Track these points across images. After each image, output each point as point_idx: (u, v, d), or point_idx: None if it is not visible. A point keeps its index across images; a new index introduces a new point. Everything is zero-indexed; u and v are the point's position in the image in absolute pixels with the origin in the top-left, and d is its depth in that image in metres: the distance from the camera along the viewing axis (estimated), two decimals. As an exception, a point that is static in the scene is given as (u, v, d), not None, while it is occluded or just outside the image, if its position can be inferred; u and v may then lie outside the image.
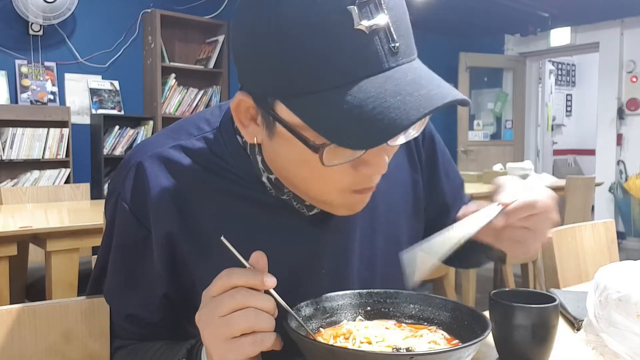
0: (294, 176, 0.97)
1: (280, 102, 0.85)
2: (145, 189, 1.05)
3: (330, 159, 0.85)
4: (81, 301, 1.16)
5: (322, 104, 0.81)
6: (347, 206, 1.00)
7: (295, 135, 0.86)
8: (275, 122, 0.88)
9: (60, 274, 2.81)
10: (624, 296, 1.02)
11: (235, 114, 0.95)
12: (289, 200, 1.06)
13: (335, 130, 0.80)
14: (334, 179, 0.92)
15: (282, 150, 0.92)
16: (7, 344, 1.08)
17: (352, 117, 0.79)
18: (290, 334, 0.91)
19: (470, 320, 1.01)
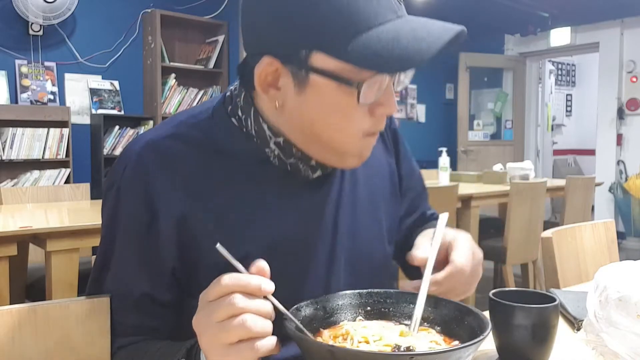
0: (321, 126, 1.05)
1: (319, 51, 0.98)
2: (147, 176, 1.08)
3: (365, 97, 0.99)
4: (82, 301, 1.16)
5: (361, 44, 0.95)
6: (359, 153, 1.11)
7: (334, 78, 0.98)
8: (308, 74, 1.00)
9: (60, 274, 2.81)
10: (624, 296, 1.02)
11: (258, 79, 1.04)
12: (294, 164, 1.13)
13: (377, 61, 0.94)
14: (357, 122, 1.04)
15: (313, 102, 1.02)
16: (7, 344, 1.08)
17: (389, 49, 0.94)
18: (290, 334, 0.91)
19: (470, 320, 1.01)
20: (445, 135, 9.85)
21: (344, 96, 1.00)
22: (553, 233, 2.00)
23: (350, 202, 1.26)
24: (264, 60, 1.02)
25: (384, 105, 1.05)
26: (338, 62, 0.97)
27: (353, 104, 1.00)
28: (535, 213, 4.70)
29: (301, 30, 0.98)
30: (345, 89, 0.99)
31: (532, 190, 4.64)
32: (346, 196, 1.25)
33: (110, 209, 1.13)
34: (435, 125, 9.99)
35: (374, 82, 0.99)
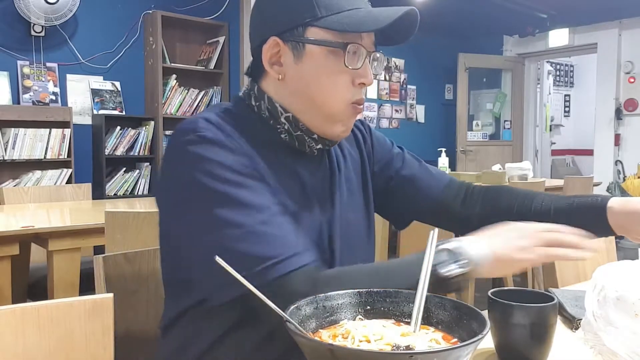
0: (314, 89, 1.31)
1: (313, 26, 1.27)
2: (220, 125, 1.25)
3: (349, 61, 1.27)
4: (85, 300, 1.17)
5: (343, 17, 1.26)
6: (345, 122, 1.35)
7: (325, 44, 1.27)
8: (304, 45, 1.29)
9: (62, 273, 2.82)
10: (622, 295, 1.03)
11: (265, 56, 1.32)
12: (300, 137, 1.35)
13: (355, 25, 1.25)
14: (342, 86, 1.30)
15: (309, 68, 1.30)
16: (11, 344, 1.09)
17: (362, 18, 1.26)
18: (290, 333, 0.92)
19: (469, 319, 1.02)
20: (445, 136, 9.85)
21: (333, 59, 1.28)
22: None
23: (342, 180, 1.47)
24: (269, 41, 1.30)
25: (362, 75, 1.31)
26: (327, 33, 1.27)
27: (340, 67, 1.28)
28: (534, 213, 4.69)
29: (298, 11, 1.28)
30: (334, 52, 1.27)
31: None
32: (339, 175, 1.46)
33: (203, 157, 1.19)
34: (434, 126, 9.98)
35: (355, 48, 1.28)
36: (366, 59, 1.30)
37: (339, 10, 1.27)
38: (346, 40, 1.27)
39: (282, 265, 1.13)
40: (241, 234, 1.14)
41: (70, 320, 1.15)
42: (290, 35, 1.29)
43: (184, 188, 1.19)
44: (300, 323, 0.99)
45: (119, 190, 6.30)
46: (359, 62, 1.29)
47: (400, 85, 9.49)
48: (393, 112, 9.39)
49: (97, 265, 1.51)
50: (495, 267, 1.13)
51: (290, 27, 1.29)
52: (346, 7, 1.28)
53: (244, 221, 1.14)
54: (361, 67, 1.30)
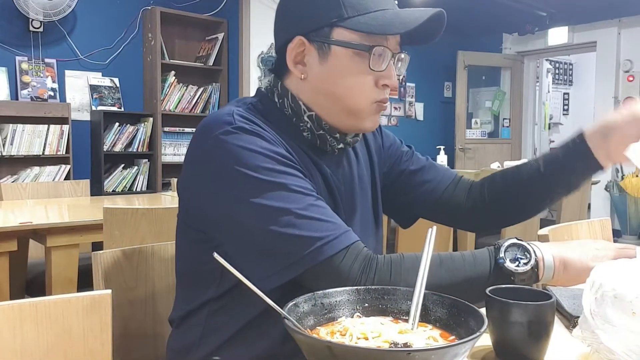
0: (340, 88, 1.32)
1: (339, 27, 1.29)
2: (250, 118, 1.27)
3: (374, 64, 1.29)
4: (83, 297, 1.17)
5: (370, 18, 1.27)
6: (371, 118, 1.38)
7: (351, 46, 1.29)
8: (330, 46, 1.30)
9: (60, 269, 2.82)
10: (620, 294, 1.03)
11: (289, 56, 1.34)
12: (322, 135, 1.37)
13: (381, 28, 1.26)
14: (367, 87, 1.32)
15: (334, 68, 1.31)
16: (9, 340, 1.09)
17: (390, 20, 1.27)
18: (289, 330, 0.93)
19: (467, 317, 1.02)
20: (444, 134, 9.85)
21: (358, 61, 1.29)
22: (549, 231, 2.01)
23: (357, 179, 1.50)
24: (295, 40, 1.32)
25: (385, 77, 1.32)
26: (354, 34, 1.28)
27: (365, 68, 1.29)
28: (533, 211, 4.70)
29: (326, 12, 1.29)
30: (359, 54, 1.29)
31: (529, 188, 4.64)
32: (356, 175, 1.50)
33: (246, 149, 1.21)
34: (433, 124, 9.98)
35: (381, 51, 1.29)
36: (391, 61, 1.32)
37: (365, 11, 1.28)
38: (371, 43, 1.28)
39: (331, 245, 1.17)
40: (289, 219, 1.16)
41: (68, 317, 1.15)
42: (315, 35, 1.31)
43: (228, 179, 1.20)
44: (298, 320, 0.99)
45: (118, 187, 6.30)
46: (384, 64, 1.31)
47: (400, 82, 9.47)
48: (392, 109, 9.39)
49: (95, 261, 1.51)
50: (571, 275, 1.24)
51: (316, 27, 1.31)
52: (373, 8, 1.28)
53: (289, 207, 1.17)
54: (385, 68, 1.31)
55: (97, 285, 1.50)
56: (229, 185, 1.20)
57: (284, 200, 1.18)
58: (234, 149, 1.20)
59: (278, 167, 1.21)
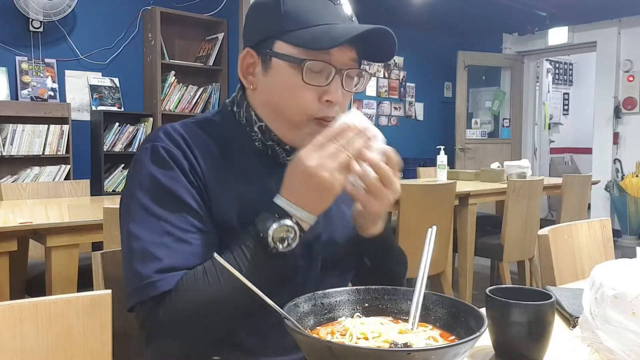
0: (279, 101, 1.32)
1: (279, 40, 1.28)
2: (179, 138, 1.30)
3: (308, 77, 1.27)
4: (83, 297, 1.17)
5: (306, 33, 1.26)
6: (312, 136, 1.24)
7: (287, 59, 1.28)
8: (271, 58, 1.30)
9: (60, 269, 2.82)
10: (620, 294, 1.03)
11: (240, 66, 1.37)
12: (272, 147, 1.37)
13: (311, 43, 1.24)
14: (305, 100, 1.29)
15: (274, 80, 1.31)
16: (8, 340, 1.09)
17: (320, 36, 1.24)
18: (289, 330, 0.93)
19: (467, 317, 1.02)
20: (444, 133, 9.85)
21: (294, 74, 1.28)
22: (549, 231, 2.01)
23: None
24: (244, 52, 1.36)
25: (329, 93, 1.29)
26: (291, 47, 1.27)
27: (300, 82, 1.27)
28: (532, 211, 4.71)
29: (270, 24, 1.30)
30: (295, 67, 1.27)
31: (529, 188, 4.65)
32: None
33: (150, 168, 1.28)
34: (433, 124, 9.98)
35: (321, 66, 1.27)
36: (336, 76, 1.29)
37: (305, 26, 1.27)
38: (306, 57, 1.26)
39: (153, 286, 1.18)
40: (139, 249, 1.22)
41: (68, 317, 1.15)
42: (261, 46, 1.32)
43: (126, 192, 1.31)
44: (298, 320, 0.99)
45: (118, 187, 6.30)
46: (326, 79, 1.29)
47: (400, 82, 9.49)
48: (392, 109, 9.40)
49: (95, 261, 1.51)
50: (301, 186, 1.18)
51: (261, 39, 1.32)
52: (314, 22, 1.27)
53: (143, 237, 1.22)
54: (328, 84, 1.29)
55: (97, 285, 1.49)
56: (125, 198, 1.31)
57: (144, 228, 1.23)
58: (140, 167, 1.29)
59: (158, 196, 1.25)
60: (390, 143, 1.22)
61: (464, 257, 4.75)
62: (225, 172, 1.32)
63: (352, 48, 1.30)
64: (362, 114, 1.22)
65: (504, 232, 4.57)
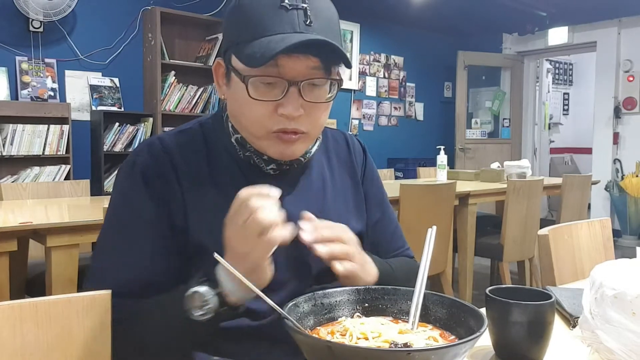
0: (239, 114, 1.29)
1: (233, 53, 1.24)
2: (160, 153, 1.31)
3: (255, 92, 1.21)
4: (83, 297, 1.17)
5: (251, 47, 1.18)
6: (275, 147, 1.28)
7: (236, 74, 1.23)
8: (230, 71, 1.26)
9: (60, 269, 2.81)
10: (620, 294, 1.03)
11: (214, 74, 1.34)
12: (251, 157, 1.33)
13: (248, 58, 1.18)
14: (260, 115, 1.24)
15: (234, 94, 1.28)
16: (9, 340, 1.08)
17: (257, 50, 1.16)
18: (289, 330, 0.93)
19: (467, 317, 1.02)
20: (444, 134, 9.85)
21: (244, 89, 1.22)
22: (549, 231, 2.01)
23: (315, 197, 1.42)
24: (215, 61, 1.34)
25: (284, 106, 1.22)
26: (238, 62, 1.22)
27: (249, 97, 1.22)
28: (532, 211, 4.71)
29: (228, 35, 1.27)
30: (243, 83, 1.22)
31: (529, 188, 4.65)
32: (310, 192, 1.42)
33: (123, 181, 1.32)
34: (433, 124, 9.99)
35: (262, 81, 1.21)
36: (291, 89, 1.21)
37: (251, 39, 1.20)
38: (249, 73, 1.21)
39: None
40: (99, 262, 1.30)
41: (68, 317, 1.15)
42: (225, 58, 1.29)
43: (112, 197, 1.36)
44: (298, 320, 0.99)
45: (118, 187, 6.28)
46: (281, 92, 1.22)
47: (400, 82, 9.49)
48: (392, 109, 9.40)
49: (95, 261, 1.51)
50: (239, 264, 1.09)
51: (224, 50, 1.30)
52: (259, 34, 1.19)
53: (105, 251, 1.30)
54: (282, 97, 1.22)
55: (97, 285, 1.50)
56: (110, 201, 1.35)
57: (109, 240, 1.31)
58: (117, 184, 1.34)
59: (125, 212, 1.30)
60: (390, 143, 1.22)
61: (464, 257, 4.75)
62: (207, 185, 1.31)
63: (310, 56, 1.20)
64: None
65: (504, 232, 4.58)
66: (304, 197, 1.40)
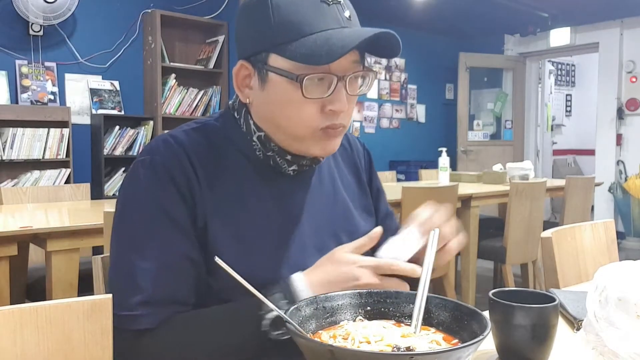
0: (279, 116, 1.26)
1: (273, 53, 1.20)
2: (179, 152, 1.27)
3: (309, 92, 1.19)
4: (83, 301, 1.16)
5: (301, 45, 1.17)
6: (320, 144, 1.28)
7: (283, 74, 1.20)
8: (267, 73, 1.23)
9: (60, 274, 2.81)
10: (624, 296, 1.02)
11: (235, 79, 1.30)
12: (273, 157, 1.32)
13: (308, 57, 1.15)
14: (308, 115, 1.23)
15: (272, 96, 1.24)
16: (9, 345, 1.08)
17: (318, 47, 1.15)
18: (291, 334, 0.92)
19: (470, 320, 1.01)
20: (445, 136, 9.86)
21: (293, 89, 1.20)
22: (553, 233, 2.00)
23: (327, 197, 1.44)
24: (238, 64, 1.28)
25: (333, 102, 1.22)
26: (286, 61, 1.19)
27: (300, 97, 1.20)
28: (535, 213, 4.70)
29: (262, 36, 1.22)
30: (292, 83, 1.20)
31: (531, 190, 4.64)
32: (322, 192, 1.44)
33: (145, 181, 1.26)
34: (435, 126, 9.99)
35: (315, 78, 1.20)
36: (339, 83, 1.22)
37: (297, 37, 1.18)
38: (303, 72, 1.19)
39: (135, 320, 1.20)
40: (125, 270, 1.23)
41: (68, 321, 1.14)
42: (255, 60, 1.25)
43: (121, 201, 1.30)
44: (300, 324, 0.99)
45: (118, 191, 6.28)
46: (328, 89, 1.22)
47: (401, 84, 9.50)
48: (393, 111, 9.40)
49: (95, 265, 1.50)
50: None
51: (255, 52, 1.25)
52: (308, 31, 1.18)
53: (131, 258, 1.22)
54: (331, 93, 1.22)
55: (98, 289, 1.49)
56: (119, 206, 1.29)
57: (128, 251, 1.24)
58: (136, 184, 1.27)
59: (148, 215, 1.24)
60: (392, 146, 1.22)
61: (466, 260, 4.75)
62: (220, 187, 1.29)
63: (354, 51, 1.21)
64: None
65: (507, 235, 4.57)
66: (318, 197, 1.42)
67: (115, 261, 1.25)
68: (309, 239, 1.36)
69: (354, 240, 1.25)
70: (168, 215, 1.23)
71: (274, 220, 1.32)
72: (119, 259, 1.25)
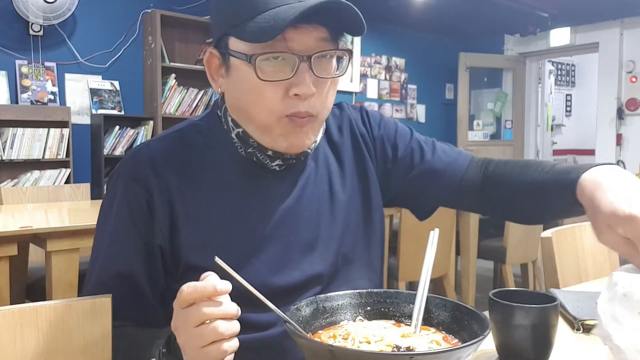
0: (245, 104, 1.19)
1: (232, 36, 1.15)
2: (145, 164, 1.23)
3: (265, 74, 1.12)
4: (83, 301, 1.16)
5: (254, 23, 1.09)
6: (287, 137, 1.20)
7: (239, 56, 1.14)
8: (229, 57, 1.17)
9: (60, 274, 2.81)
10: (629, 292, 1.01)
11: (208, 69, 1.25)
12: (254, 153, 1.25)
13: (256, 34, 1.08)
14: (269, 98, 1.15)
15: (236, 82, 1.19)
16: (9, 344, 1.08)
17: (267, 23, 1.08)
18: (290, 334, 0.92)
19: (470, 320, 1.01)
20: (445, 136, 9.85)
21: (250, 72, 1.13)
22: (553, 233, 2.00)
23: (320, 192, 1.35)
24: (207, 52, 1.24)
25: (296, 85, 1.14)
26: (242, 43, 1.13)
27: (258, 80, 1.13)
28: (535, 213, 4.69)
29: (222, 18, 1.18)
30: (248, 65, 1.13)
31: (532, 190, 4.63)
32: (315, 190, 1.34)
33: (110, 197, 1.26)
34: (435, 126, 9.98)
35: (270, 57, 1.12)
36: (302, 65, 1.13)
37: (252, 15, 1.11)
38: (256, 51, 1.12)
39: None
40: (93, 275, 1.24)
41: (68, 321, 1.15)
42: (219, 45, 1.21)
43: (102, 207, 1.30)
44: (300, 324, 0.98)
45: (119, 190, 6.29)
46: (292, 70, 1.13)
47: (401, 84, 9.49)
48: (393, 111, 9.40)
49: (95, 265, 1.50)
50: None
51: (219, 37, 1.20)
52: (262, 8, 1.10)
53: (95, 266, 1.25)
54: (293, 75, 1.13)
55: (97, 289, 1.49)
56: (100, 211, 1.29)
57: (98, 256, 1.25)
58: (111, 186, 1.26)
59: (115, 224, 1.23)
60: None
61: (466, 260, 4.74)
62: (202, 189, 1.25)
63: (318, 26, 1.13)
64: None
65: (507, 235, 4.57)
66: (312, 195, 1.34)
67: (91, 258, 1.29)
68: (293, 236, 1.29)
69: None
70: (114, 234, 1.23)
71: (256, 217, 1.27)
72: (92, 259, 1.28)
